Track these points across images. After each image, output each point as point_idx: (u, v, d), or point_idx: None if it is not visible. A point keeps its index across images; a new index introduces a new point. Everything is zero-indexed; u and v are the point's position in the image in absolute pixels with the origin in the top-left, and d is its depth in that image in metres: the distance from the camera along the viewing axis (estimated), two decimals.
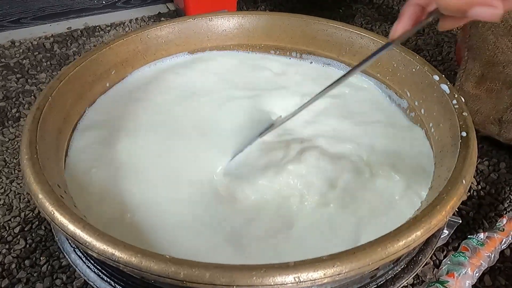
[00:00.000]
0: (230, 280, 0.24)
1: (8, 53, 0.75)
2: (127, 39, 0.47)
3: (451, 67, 0.72)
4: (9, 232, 0.46)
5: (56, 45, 0.78)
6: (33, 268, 0.42)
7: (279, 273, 0.25)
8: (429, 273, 0.43)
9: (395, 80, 0.47)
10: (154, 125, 0.43)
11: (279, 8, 0.91)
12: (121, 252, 0.25)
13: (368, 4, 0.94)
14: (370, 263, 0.26)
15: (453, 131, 0.36)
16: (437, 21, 0.28)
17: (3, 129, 0.60)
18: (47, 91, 0.37)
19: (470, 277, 0.39)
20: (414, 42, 0.79)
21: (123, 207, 0.35)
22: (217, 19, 0.51)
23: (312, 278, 0.25)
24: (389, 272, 0.32)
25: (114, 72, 0.46)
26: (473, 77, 0.54)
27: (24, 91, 0.66)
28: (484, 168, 0.55)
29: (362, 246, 0.26)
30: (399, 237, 0.27)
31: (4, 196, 0.50)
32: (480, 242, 0.42)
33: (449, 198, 0.29)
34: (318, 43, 0.51)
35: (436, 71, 0.42)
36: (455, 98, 0.38)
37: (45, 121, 0.35)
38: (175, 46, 0.51)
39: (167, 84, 0.49)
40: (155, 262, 0.25)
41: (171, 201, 0.36)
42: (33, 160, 0.31)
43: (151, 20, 0.87)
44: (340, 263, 0.25)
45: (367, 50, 0.49)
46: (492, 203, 0.50)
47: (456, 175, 0.31)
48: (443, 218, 0.28)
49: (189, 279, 0.25)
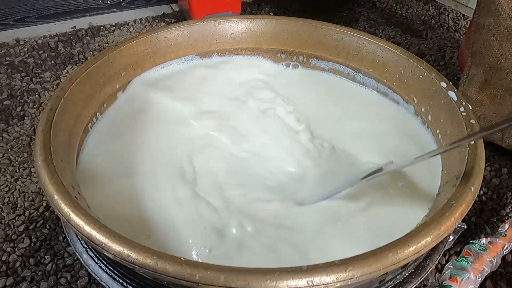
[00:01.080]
0: (244, 283, 0.25)
1: (13, 52, 0.75)
2: (137, 41, 0.47)
3: (454, 72, 0.73)
4: (13, 231, 0.45)
5: (60, 44, 0.78)
6: (37, 267, 0.42)
7: (293, 277, 0.25)
8: (431, 277, 0.43)
9: (402, 86, 0.47)
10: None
11: (282, 11, 0.91)
12: (137, 254, 0.26)
13: (372, 8, 0.95)
14: (381, 268, 0.26)
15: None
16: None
17: (8, 127, 0.60)
18: (59, 92, 0.38)
19: (473, 282, 0.40)
20: (417, 47, 0.80)
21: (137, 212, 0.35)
22: (225, 22, 0.52)
23: (324, 282, 0.25)
24: (397, 276, 0.32)
25: (123, 74, 0.47)
26: (476, 82, 0.54)
27: (29, 90, 0.66)
28: (486, 174, 0.55)
29: (374, 251, 0.27)
30: (409, 242, 0.27)
31: (9, 195, 0.50)
32: (482, 247, 0.43)
33: (458, 205, 0.30)
34: (325, 48, 0.52)
35: (443, 78, 0.43)
36: (462, 105, 0.39)
37: (58, 122, 0.35)
38: (184, 49, 0.51)
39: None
40: (170, 264, 0.25)
41: (185, 207, 0.36)
42: (48, 161, 0.31)
43: (156, 21, 0.87)
44: (352, 267, 0.26)
45: (374, 56, 0.49)
46: (494, 208, 0.51)
47: (465, 182, 0.31)
48: (452, 224, 0.29)
49: (204, 281, 0.25)
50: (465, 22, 0.89)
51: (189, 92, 0.50)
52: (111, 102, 0.47)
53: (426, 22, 0.90)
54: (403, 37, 0.84)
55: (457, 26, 0.88)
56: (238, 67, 0.54)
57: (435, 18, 0.91)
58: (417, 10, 0.94)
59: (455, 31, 0.87)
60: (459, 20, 0.90)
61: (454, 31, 0.86)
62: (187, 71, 0.52)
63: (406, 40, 0.83)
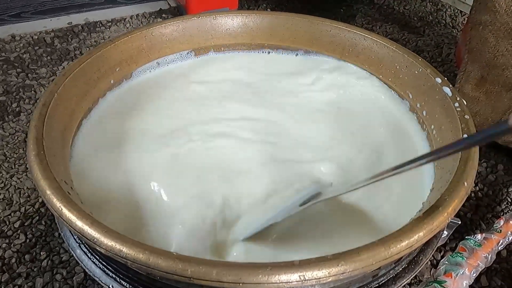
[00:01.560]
0: (236, 277, 0.25)
1: (9, 47, 0.75)
2: (131, 36, 0.47)
3: (451, 68, 0.73)
4: (9, 227, 0.45)
5: (56, 40, 0.78)
6: (33, 263, 0.42)
7: (285, 272, 0.25)
8: (426, 272, 0.43)
9: (397, 82, 0.47)
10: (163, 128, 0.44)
11: (280, 7, 0.91)
12: (129, 249, 0.26)
13: (369, 5, 0.95)
14: (373, 262, 0.26)
15: (455, 134, 0.37)
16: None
17: (3, 123, 0.59)
18: (53, 87, 0.37)
19: (468, 277, 0.40)
20: (414, 43, 0.80)
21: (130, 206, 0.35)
22: (221, 18, 0.52)
23: (317, 277, 0.25)
24: (391, 271, 0.32)
25: (118, 69, 0.47)
26: (472, 79, 0.54)
27: (25, 86, 0.66)
28: (482, 170, 0.55)
29: (366, 246, 0.27)
30: (402, 237, 0.27)
31: (4, 191, 0.50)
32: (477, 243, 0.43)
33: (451, 200, 0.30)
34: (321, 44, 0.52)
35: (438, 73, 0.43)
36: (457, 101, 0.39)
37: (51, 118, 0.35)
38: (179, 44, 0.51)
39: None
40: (162, 259, 0.25)
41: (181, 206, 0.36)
42: (40, 156, 0.31)
43: (152, 17, 0.87)
44: (344, 262, 0.26)
45: (370, 52, 0.49)
46: (490, 205, 0.51)
47: (458, 178, 0.31)
48: (445, 219, 0.29)
49: (196, 276, 0.25)
50: (463, 19, 0.89)
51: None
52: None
53: (423, 18, 0.90)
54: (400, 33, 0.84)
55: (455, 23, 0.88)
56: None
57: (433, 15, 0.91)
58: (414, 7, 0.94)
59: (452, 27, 0.86)
60: (457, 17, 0.90)
61: (451, 28, 0.86)
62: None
63: (403, 36, 0.83)
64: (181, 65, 0.52)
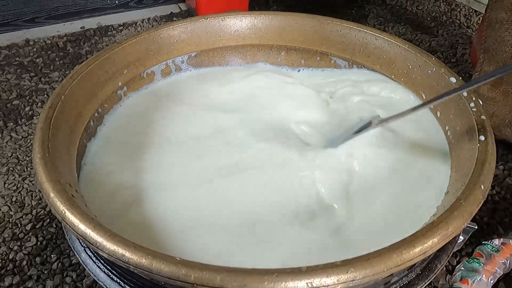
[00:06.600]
0: (241, 284, 0.24)
1: (22, 52, 0.76)
2: (139, 38, 0.47)
3: (466, 69, 0.71)
4: (21, 229, 0.46)
5: (69, 44, 0.79)
6: (43, 266, 0.42)
7: (292, 278, 0.24)
8: (442, 279, 0.42)
9: (409, 82, 0.46)
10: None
11: (290, 10, 0.91)
12: (131, 253, 0.25)
13: (381, 5, 0.93)
14: (385, 269, 0.25)
15: (471, 135, 0.35)
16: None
17: (16, 127, 0.60)
18: (60, 90, 0.37)
19: (485, 284, 0.39)
20: (428, 44, 0.78)
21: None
22: (229, 19, 0.51)
23: (325, 284, 0.24)
24: (404, 278, 0.31)
25: (126, 72, 0.46)
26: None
27: (38, 90, 0.67)
28: (499, 173, 0.53)
29: (377, 252, 0.25)
30: (415, 243, 0.26)
31: (17, 194, 0.50)
32: (495, 249, 0.41)
33: (467, 204, 0.28)
34: (331, 44, 0.51)
35: (453, 73, 0.41)
36: (472, 101, 0.37)
37: (58, 120, 0.35)
38: (187, 46, 0.51)
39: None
40: (165, 264, 0.25)
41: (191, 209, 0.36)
42: (45, 159, 0.31)
43: (163, 20, 0.88)
44: (354, 269, 0.25)
45: (381, 51, 0.48)
46: (507, 208, 0.49)
47: (474, 181, 0.30)
48: (460, 224, 0.27)
49: (200, 282, 0.24)
50: (478, 18, 0.86)
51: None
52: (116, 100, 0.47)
53: (437, 18, 0.88)
54: (413, 34, 0.82)
55: (469, 23, 0.86)
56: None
57: (447, 15, 0.89)
58: (427, 7, 0.92)
59: (467, 27, 0.84)
60: (471, 16, 0.88)
61: (466, 28, 0.84)
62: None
63: (416, 37, 0.81)
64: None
